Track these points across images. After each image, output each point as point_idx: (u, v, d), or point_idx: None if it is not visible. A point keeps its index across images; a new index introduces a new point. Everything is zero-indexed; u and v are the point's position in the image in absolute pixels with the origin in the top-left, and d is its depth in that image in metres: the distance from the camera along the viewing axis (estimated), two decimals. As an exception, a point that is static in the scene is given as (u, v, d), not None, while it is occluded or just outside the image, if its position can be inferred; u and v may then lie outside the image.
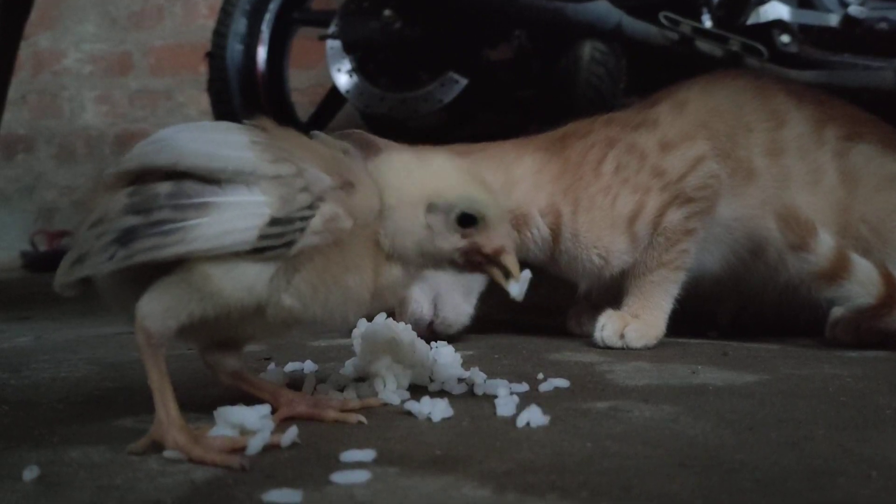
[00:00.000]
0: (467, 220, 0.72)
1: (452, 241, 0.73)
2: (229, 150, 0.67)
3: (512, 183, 1.17)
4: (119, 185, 0.68)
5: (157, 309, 0.66)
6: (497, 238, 0.73)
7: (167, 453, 0.65)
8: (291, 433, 0.67)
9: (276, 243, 0.65)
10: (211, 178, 0.66)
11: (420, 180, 0.73)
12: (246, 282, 0.66)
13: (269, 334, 0.73)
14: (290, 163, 0.67)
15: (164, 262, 0.65)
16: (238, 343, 0.75)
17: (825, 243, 1.06)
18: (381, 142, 0.98)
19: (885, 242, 1.17)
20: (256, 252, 0.65)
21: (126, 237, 0.64)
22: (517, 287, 0.73)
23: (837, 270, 1.06)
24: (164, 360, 0.67)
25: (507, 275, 0.73)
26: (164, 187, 0.65)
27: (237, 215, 0.65)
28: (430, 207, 0.72)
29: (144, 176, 0.67)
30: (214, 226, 0.64)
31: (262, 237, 0.65)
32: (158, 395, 0.66)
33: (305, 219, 0.66)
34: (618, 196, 1.16)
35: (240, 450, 0.65)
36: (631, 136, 1.19)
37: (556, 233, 1.17)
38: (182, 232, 0.64)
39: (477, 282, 1.21)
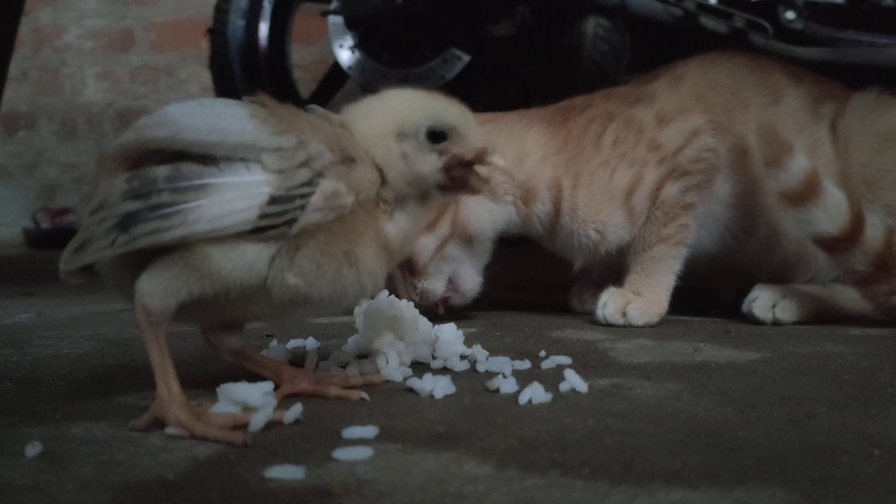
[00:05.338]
0: (438, 136, 0.72)
1: (431, 162, 0.72)
2: (229, 123, 0.66)
3: (524, 154, 1.17)
4: (119, 167, 0.67)
5: (157, 287, 0.65)
6: (474, 142, 0.73)
7: (169, 430, 0.65)
8: (294, 410, 0.68)
9: (276, 222, 0.65)
10: (209, 157, 0.65)
11: (383, 114, 0.73)
12: (246, 262, 0.66)
13: (276, 314, 0.72)
14: (292, 135, 0.67)
15: (166, 245, 0.64)
16: (241, 323, 0.75)
17: (799, 163, 1.05)
18: None
19: (875, 197, 1.15)
20: (258, 232, 0.65)
21: (126, 222, 0.63)
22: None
23: (806, 193, 1.05)
24: (165, 337, 0.67)
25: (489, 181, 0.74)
26: (162, 170, 0.65)
27: (237, 196, 0.64)
28: (400, 136, 0.72)
29: (143, 159, 0.67)
30: (214, 207, 0.64)
31: (263, 216, 0.64)
32: (160, 372, 0.66)
33: (305, 196, 0.66)
34: (616, 170, 1.17)
35: (242, 426, 0.66)
36: (629, 110, 1.20)
37: (557, 207, 1.17)
38: (182, 215, 0.63)
39: (483, 255, 1.21)
